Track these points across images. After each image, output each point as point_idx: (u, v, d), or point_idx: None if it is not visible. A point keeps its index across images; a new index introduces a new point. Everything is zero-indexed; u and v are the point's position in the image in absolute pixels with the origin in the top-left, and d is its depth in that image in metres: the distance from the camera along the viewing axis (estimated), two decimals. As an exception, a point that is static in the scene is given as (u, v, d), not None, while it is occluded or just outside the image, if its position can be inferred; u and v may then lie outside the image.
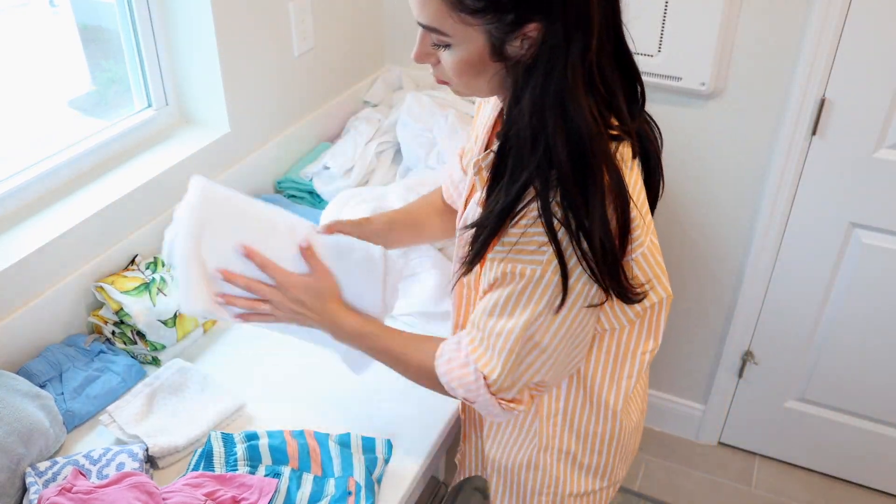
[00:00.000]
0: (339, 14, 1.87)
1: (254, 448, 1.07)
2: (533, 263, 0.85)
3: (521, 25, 0.80)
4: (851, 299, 1.91)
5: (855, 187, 1.77)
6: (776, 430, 2.22)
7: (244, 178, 1.65)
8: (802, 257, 1.92)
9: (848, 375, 2.03)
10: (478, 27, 0.81)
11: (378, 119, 1.88)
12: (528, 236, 0.84)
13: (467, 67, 0.86)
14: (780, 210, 1.86)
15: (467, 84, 0.89)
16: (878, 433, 2.09)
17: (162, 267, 1.36)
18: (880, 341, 1.94)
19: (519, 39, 0.82)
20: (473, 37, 0.83)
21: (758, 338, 2.09)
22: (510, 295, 0.88)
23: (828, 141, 1.74)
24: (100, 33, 1.49)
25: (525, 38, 0.81)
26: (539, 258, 0.85)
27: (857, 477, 2.19)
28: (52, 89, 1.45)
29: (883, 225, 1.79)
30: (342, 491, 1.03)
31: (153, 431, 1.11)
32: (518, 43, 0.82)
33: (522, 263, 0.86)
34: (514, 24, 0.80)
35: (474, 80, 0.88)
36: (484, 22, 0.81)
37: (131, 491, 0.97)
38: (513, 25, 0.80)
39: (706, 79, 1.73)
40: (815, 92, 1.68)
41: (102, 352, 1.25)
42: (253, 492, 1.01)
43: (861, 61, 1.63)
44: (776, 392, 2.15)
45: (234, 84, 1.57)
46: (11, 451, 1.01)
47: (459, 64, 0.86)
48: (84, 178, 1.40)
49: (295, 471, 1.06)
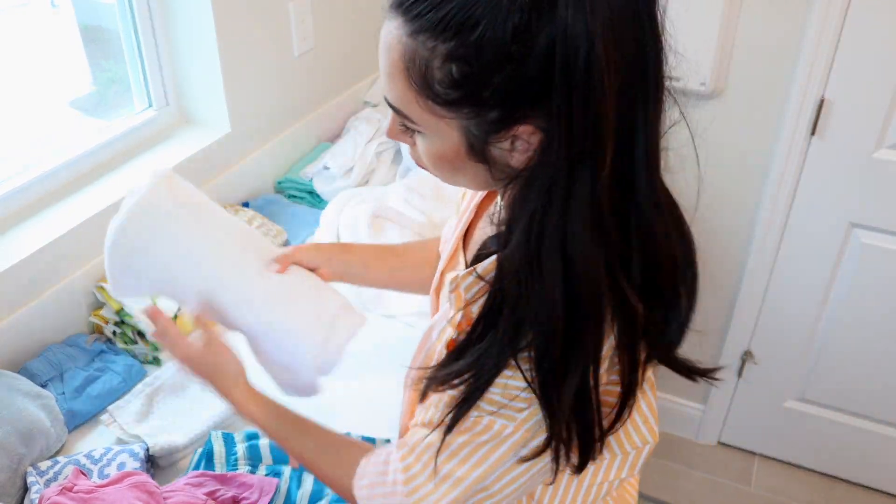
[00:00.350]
0: (339, 14, 1.87)
1: (254, 447, 1.07)
2: (504, 418, 0.68)
3: (509, 126, 0.61)
4: (851, 299, 1.91)
5: (854, 187, 1.77)
6: (776, 429, 2.22)
7: (244, 178, 1.65)
8: (802, 257, 1.92)
9: (848, 375, 2.03)
10: (450, 121, 0.63)
11: (378, 119, 1.88)
12: (509, 388, 0.67)
13: (441, 162, 0.69)
14: (779, 210, 1.86)
15: (448, 178, 0.72)
16: (878, 433, 2.09)
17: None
18: (880, 341, 1.94)
19: (508, 141, 0.63)
20: (446, 131, 0.65)
21: (757, 338, 2.09)
22: (469, 443, 0.70)
23: (827, 141, 1.74)
24: (100, 33, 1.49)
25: (516, 140, 0.63)
26: (514, 414, 0.67)
27: (857, 477, 2.19)
28: (53, 89, 1.45)
29: (882, 225, 1.80)
30: (343, 490, 1.03)
31: (154, 431, 1.12)
32: (507, 145, 0.63)
33: (492, 416, 0.68)
34: (500, 122, 0.61)
35: (452, 175, 0.71)
36: (458, 117, 0.62)
37: (132, 490, 0.97)
38: (498, 125, 0.62)
39: (706, 79, 1.73)
40: (815, 92, 1.68)
41: (103, 351, 1.25)
42: (254, 491, 1.01)
43: (860, 61, 1.63)
44: (776, 392, 2.15)
45: (235, 84, 1.57)
46: (12, 451, 1.01)
47: (432, 156, 0.69)
48: (85, 178, 1.40)
49: (295, 470, 1.06)
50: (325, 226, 1.56)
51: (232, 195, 1.62)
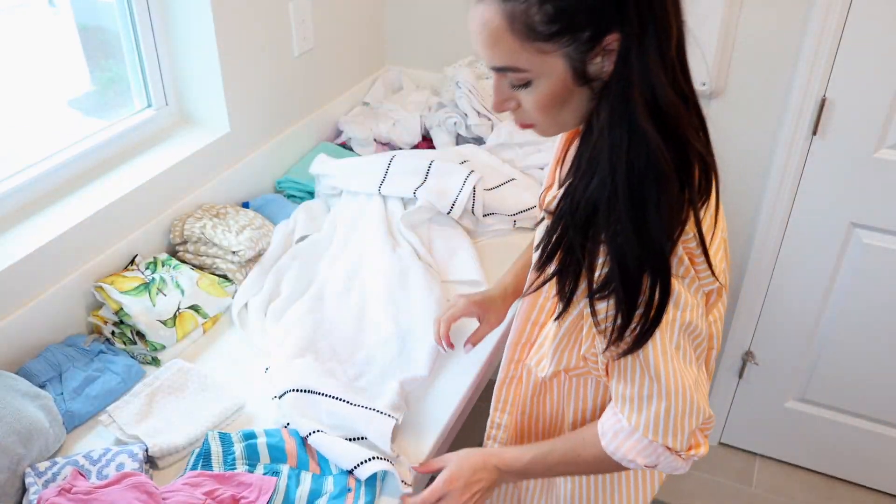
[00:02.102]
0: (339, 14, 1.87)
1: (252, 447, 1.07)
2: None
3: (600, 40, 0.76)
4: (852, 299, 1.91)
5: (855, 187, 1.77)
6: (776, 430, 2.22)
7: (244, 178, 1.65)
8: (803, 257, 1.91)
9: (848, 375, 2.03)
10: (555, 53, 0.77)
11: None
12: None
13: (552, 101, 0.81)
14: (780, 210, 1.86)
15: (554, 119, 0.85)
16: (879, 433, 2.08)
17: (161, 267, 1.36)
18: (881, 341, 1.94)
19: (599, 56, 0.77)
20: (553, 65, 0.78)
21: (758, 338, 2.09)
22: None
23: (828, 141, 1.74)
24: (99, 33, 1.49)
25: (605, 53, 0.77)
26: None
27: (857, 477, 2.19)
28: (52, 89, 1.45)
29: (883, 225, 1.79)
30: (341, 487, 1.03)
31: (153, 432, 1.11)
32: (599, 60, 0.77)
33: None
34: (592, 40, 0.76)
35: (560, 113, 0.83)
36: (560, 46, 0.76)
37: (131, 491, 0.96)
38: (591, 42, 0.76)
39: (707, 79, 1.73)
40: (816, 92, 1.68)
41: (102, 352, 1.25)
42: (252, 490, 1.01)
43: (862, 61, 1.62)
44: (776, 392, 2.15)
45: (234, 84, 1.57)
46: (11, 452, 1.01)
47: (543, 99, 0.81)
48: (84, 178, 1.40)
49: (293, 469, 1.06)
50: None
51: (232, 195, 1.62)
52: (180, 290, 1.32)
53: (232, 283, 1.41)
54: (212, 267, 1.42)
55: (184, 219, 1.45)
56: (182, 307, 1.31)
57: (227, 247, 1.41)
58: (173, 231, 1.45)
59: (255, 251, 1.45)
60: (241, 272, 1.43)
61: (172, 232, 1.45)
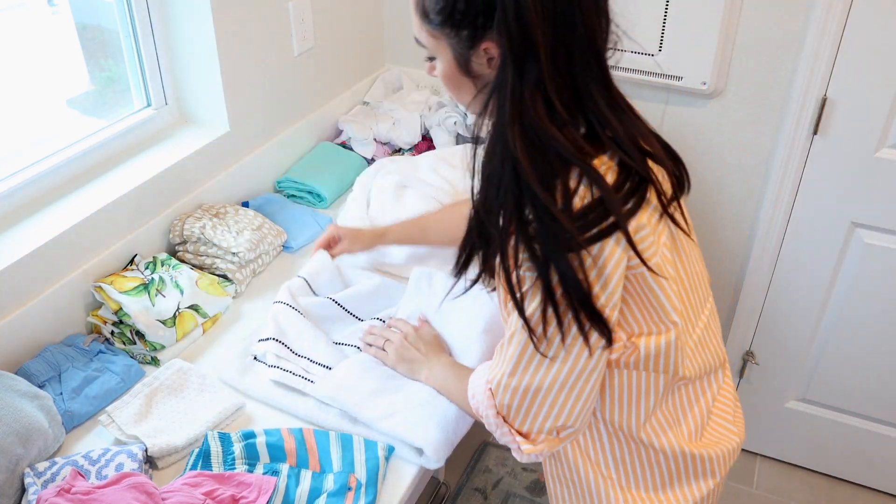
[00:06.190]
0: (339, 14, 1.86)
1: (251, 446, 1.07)
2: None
3: (477, 42, 0.81)
4: (853, 299, 1.91)
5: (856, 187, 1.77)
6: (777, 430, 2.21)
7: (244, 178, 1.65)
8: (804, 257, 1.91)
9: (849, 376, 2.02)
10: (442, 41, 0.84)
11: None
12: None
13: (448, 80, 0.89)
14: (781, 210, 1.85)
15: (456, 97, 0.91)
16: (879, 433, 2.08)
17: (161, 267, 1.36)
18: (881, 341, 1.93)
19: (482, 57, 0.83)
20: (443, 50, 0.86)
21: (759, 338, 2.08)
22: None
23: (829, 140, 1.74)
24: (98, 32, 1.49)
25: (487, 57, 0.82)
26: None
27: (858, 477, 2.18)
28: (51, 89, 1.45)
29: (884, 225, 1.79)
30: (340, 485, 1.03)
31: (152, 432, 1.11)
32: (482, 60, 0.83)
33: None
34: (471, 39, 0.82)
35: (457, 94, 0.90)
36: (446, 36, 0.83)
37: (130, 491, 0.96)
38: (469, 41, 0.82)
39: (707, 78, 1.72)
40: (817, 91, 1.68)
41: (101, 352, 1.25)
42: (252, 490, 1.01)
43: (863, 60, 1.62)
44: (777, 392, 2.15)
45: (234, 84, 1.56)
46: (10, 452, 1.00)
47: (442, 76, 0.89)
48: (83, 177, 1.40)
49: (293, 468, 1.06)
50: (358, 189, 1.69)
51: (231, 195, 1.62)
52: (180, 290, 1.32)
53: (232, 283, 1.41)
54: (211, 267, 1.42)
55: (183, 219, 1.45)
56: (181, 307, 1.30)
57: (227, 247, 1.41)
58: (173, 231, 1.44)
59: (254, 253, 1.44)
60: (240, 272, 1.43)
61: (172, 232, 1.44)
